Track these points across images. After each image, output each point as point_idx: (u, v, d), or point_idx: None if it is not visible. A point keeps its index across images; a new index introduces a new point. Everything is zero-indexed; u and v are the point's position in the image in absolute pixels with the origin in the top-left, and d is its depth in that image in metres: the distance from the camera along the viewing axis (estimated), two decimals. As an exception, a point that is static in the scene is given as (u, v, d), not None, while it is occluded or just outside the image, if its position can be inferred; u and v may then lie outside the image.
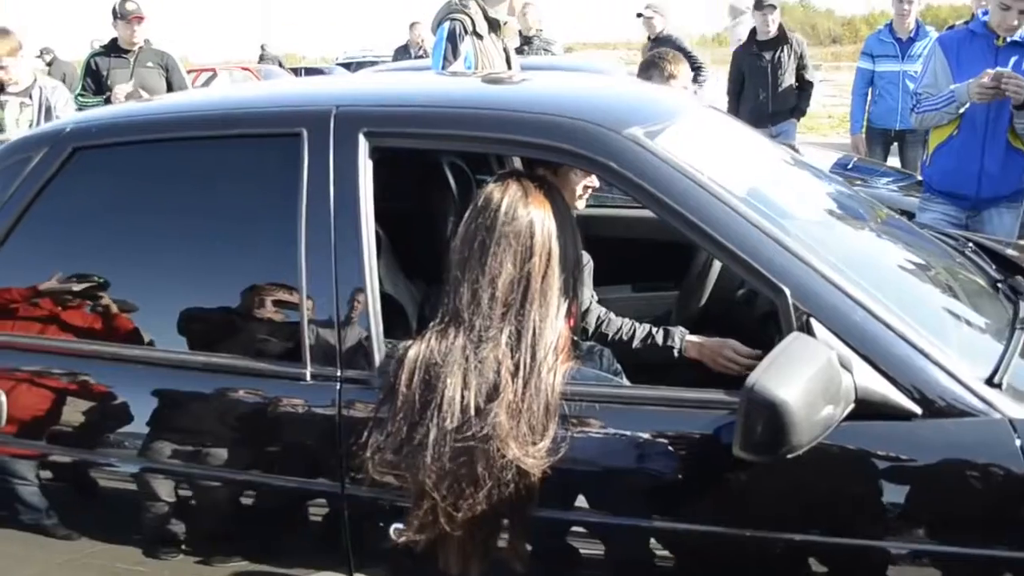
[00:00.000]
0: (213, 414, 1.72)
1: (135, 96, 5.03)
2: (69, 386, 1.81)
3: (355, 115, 1.75)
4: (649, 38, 6.68)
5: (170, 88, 5.42)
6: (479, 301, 1.53)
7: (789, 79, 6.28)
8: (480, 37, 3.81)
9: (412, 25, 10.83)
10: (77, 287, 1.86)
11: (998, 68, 3.37)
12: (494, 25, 3.91)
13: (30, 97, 4.52)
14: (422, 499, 1.46)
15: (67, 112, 4.63)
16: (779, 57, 6.25)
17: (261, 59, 16.17)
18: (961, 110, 3.51)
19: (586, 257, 2.20)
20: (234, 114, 1.97)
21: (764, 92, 6.28)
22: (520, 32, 6.80)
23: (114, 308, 1.83)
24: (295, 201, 1.69)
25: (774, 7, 6.27)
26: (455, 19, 3.80)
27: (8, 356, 1.86)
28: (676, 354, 2.20)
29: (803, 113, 6.58)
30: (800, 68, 6.31)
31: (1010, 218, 3.63)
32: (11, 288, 1.90)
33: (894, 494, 1.40)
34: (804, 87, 6.39)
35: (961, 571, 1.39)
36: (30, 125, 4.61)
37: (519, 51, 6.12)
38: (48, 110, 4.63)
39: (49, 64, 12.67)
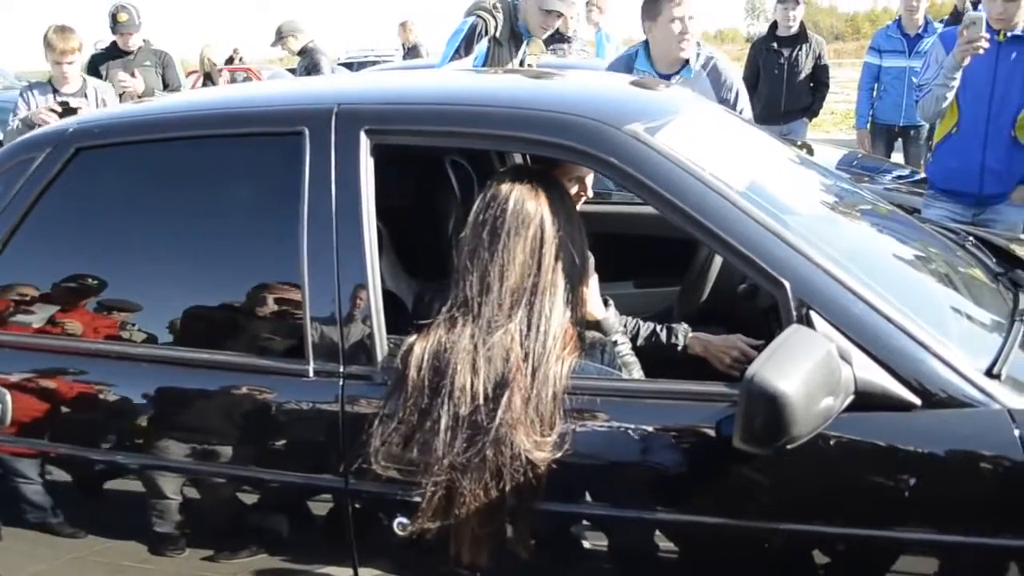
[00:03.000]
0: (217, 411, 1.73)
1: (133, 93, 5.25)
2: (73, 385, 1.82)
3: (356, 113, 1.75)
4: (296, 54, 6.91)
5: (165, 83, 5.77)
6: (488, 291, 1.55)
7: (804, 78, 6.13)
8: (500, 44, 3.77)
9: (402, 24, 10.77)
10: (81, 286, 1.87)
11: (970, 12, 3.43)
12: (516, 37, 3.85)
13: (85, 96, 4.59)
14: (434, 487, 1.47)
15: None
16: (796, 55, 6.09)
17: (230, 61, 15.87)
18: (953, 81, 3.48)
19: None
20: (236, 113, 1.98)
21: (778, 89, 6.12)
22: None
23: (118, 307, 1.84)
24: (297, 199, 1.69)
25: (798, 2, 6.08)
26: (480, 16, 3.74)
27: (12, 356, 1.87)
28: (680, 351, 2.21)
29: (815, 114, 6.43)
30: (817, 68, 6.16)
31: (1015, 213, 3.61)
32: (15, 287, 1.91)
33: (894, 484, 1.40)
34: (819, 88, 6.23)
35: (960, 560, 1.40)
36: None
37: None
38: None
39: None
